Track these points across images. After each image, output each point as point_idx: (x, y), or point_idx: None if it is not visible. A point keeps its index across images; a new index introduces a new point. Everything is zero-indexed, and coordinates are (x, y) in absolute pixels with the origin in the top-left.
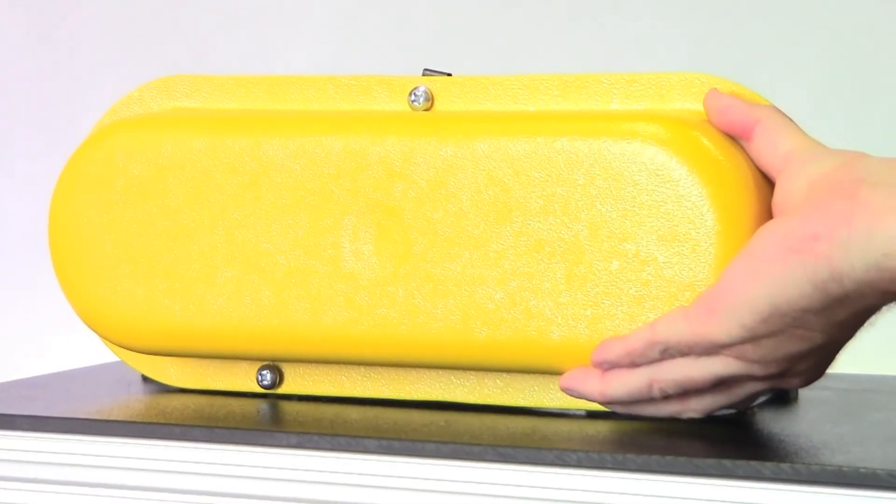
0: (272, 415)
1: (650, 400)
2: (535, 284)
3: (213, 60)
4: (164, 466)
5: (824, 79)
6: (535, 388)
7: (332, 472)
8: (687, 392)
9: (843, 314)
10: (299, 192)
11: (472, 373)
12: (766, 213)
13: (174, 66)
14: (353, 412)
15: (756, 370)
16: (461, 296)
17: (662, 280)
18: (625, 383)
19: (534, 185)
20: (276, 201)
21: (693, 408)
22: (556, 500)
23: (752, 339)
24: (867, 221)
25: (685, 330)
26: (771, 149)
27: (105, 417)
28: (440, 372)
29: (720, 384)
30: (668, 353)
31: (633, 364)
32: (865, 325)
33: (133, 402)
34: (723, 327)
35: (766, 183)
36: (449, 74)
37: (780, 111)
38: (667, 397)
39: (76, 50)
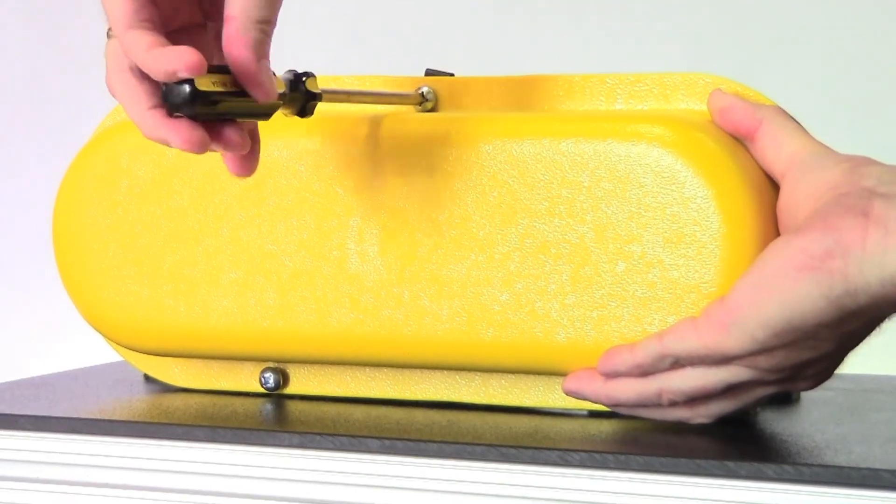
0: (275, 415)
1: (657, 405)
2: (540, 286)
3: None
4: (166, 466)
5: (827, 79)
6: (541, 388)
7: (334, 472)
8: (695, 399)
9: (855, 325)
10: (304, 193)
11: (478, 373)
12: (772, 216)
13: None
14: (356, 412)
15: (767, 376)
16: (467, 297)
17: (668, 282)
18: (632, 389)
19: (539, 187)
20: (280, 203)
21: (701, 413)
22: (559, 500)
23: (764, 351)
24: (882, 238)
25: (696, 343)
26: (774, 151)
27: (107, 417)
28: (445, 372)
29: (730, 390)
30: (679, 363)
31: (642, 374)
32: (875, 331)
33: (135, 402)
34: (735, 341)
35: (772, 185)
36: (451, 75)
37: (784, 112)
38: (674, 403)
39: (79, 50)
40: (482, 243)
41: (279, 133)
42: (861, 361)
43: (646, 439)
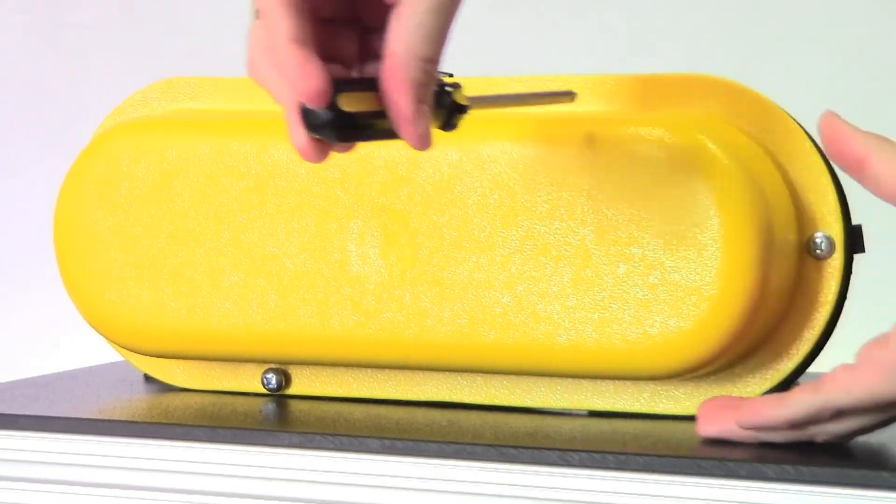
0: (275, 414)
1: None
2: (542, 288)
3: (215, 61)
4: (166, 466)
5: (828, 78)
6: (543, 389)
7: (334, 472)
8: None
9: None
10: (305, 195)
11: (479, 375)
12: (773, 218)
13: (177, 67)
14: (356, 411)
15: None
16: (468, 299)
17: (669, 284)
18: (783, 436)
19: (540, 189)
20: (282, 205)
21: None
22: (559, 500)
23: None
24: None
25: (862, 394)
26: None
27: (107, 417)
28: (447, 374)
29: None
30: (842, 413)
31: (793, 427)
32: None
33: (135, 402)
34: None
35: (773, 187)
36: (450, 75)
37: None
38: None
39: (79, 51)
40: (483, 245)
41: (280, 135)
42: None
43: (646, 439)
